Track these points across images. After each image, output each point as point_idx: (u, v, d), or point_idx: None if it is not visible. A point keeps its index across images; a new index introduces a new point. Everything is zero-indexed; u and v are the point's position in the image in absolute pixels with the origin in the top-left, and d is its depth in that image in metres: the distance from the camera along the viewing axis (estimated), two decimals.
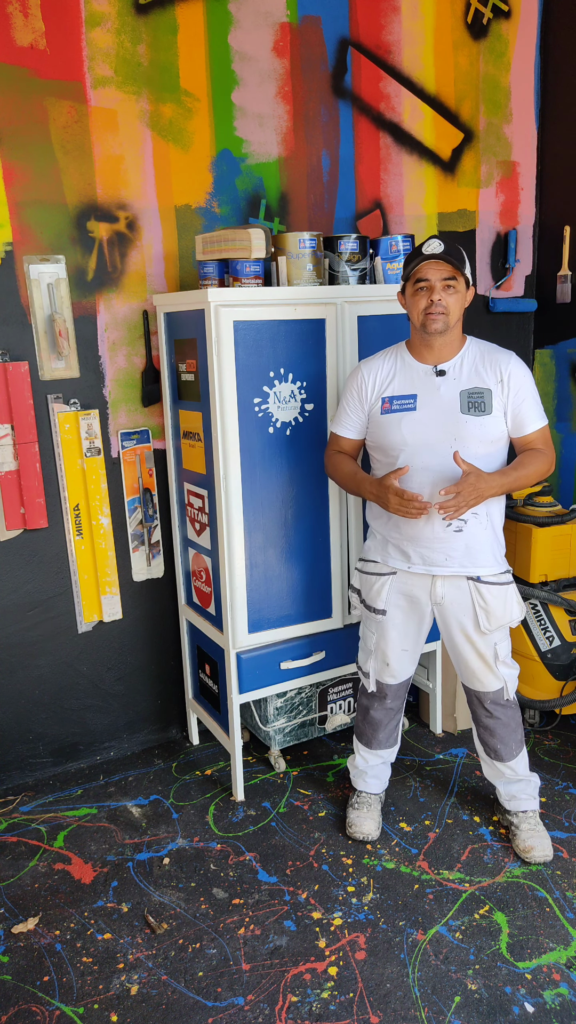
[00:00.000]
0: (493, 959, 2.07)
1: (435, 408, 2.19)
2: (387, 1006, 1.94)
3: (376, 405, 2.27)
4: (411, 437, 2.20)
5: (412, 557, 2.29)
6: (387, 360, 2.29)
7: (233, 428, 2.47)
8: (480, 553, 2.26)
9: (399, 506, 2.14)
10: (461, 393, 2.19)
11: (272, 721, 2.87)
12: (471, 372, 2.20)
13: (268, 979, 2.03)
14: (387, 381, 2.26)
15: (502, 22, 3.28)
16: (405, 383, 2.24)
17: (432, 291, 2.12)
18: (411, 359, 2.25)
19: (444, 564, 2.26)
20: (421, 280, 2.13)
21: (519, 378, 2.20)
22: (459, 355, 2.22)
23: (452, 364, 2.21)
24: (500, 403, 2.19)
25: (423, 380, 2.22)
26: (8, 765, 2.90)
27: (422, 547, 2.26)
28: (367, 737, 2.56)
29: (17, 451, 2.68)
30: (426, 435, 2.19)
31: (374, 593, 2.38)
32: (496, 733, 2.40)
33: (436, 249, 2.09)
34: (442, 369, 2.21)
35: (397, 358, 2.28)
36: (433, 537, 2.23)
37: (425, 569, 2.28)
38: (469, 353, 2.23)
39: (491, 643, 2.32)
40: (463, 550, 2.24)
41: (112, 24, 2.60)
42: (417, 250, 2.14)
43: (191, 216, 2.84)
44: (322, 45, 2.95)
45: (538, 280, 3.58)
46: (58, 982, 2.05)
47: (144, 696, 3.11)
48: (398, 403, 2.23)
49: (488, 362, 2.21)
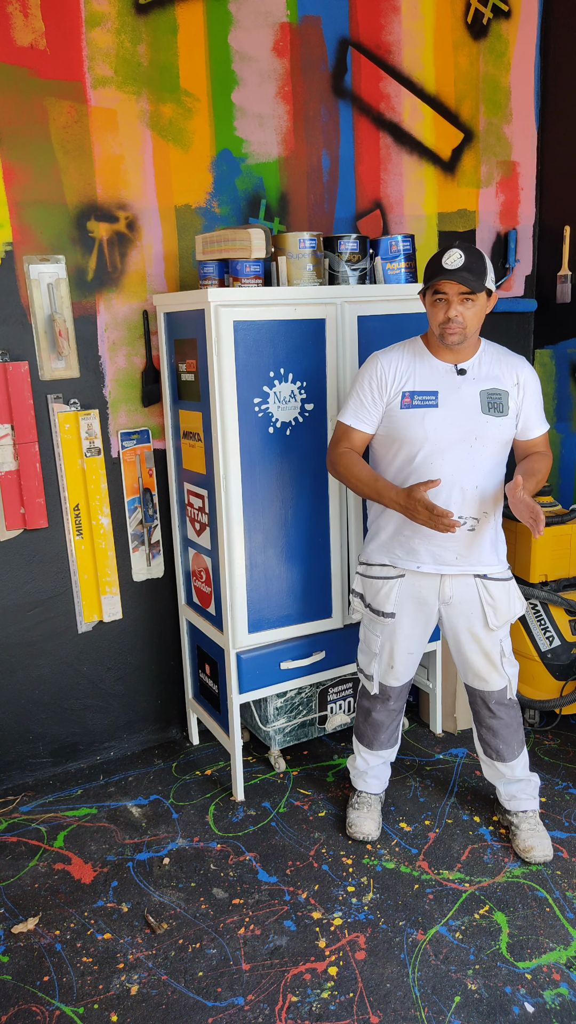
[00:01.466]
0: (493, 959, 2.07)
1: (457, 406, 2.18)
2: (387, 1006, 1.94)
3: (396, 399, 2.22)
4: (433, 434, 2.17)
5: (422, 556, 2.28)
6: (405, 353, 2.25)
7: (233, 428, 2.47)
8: (486, 551, 2.28)
9: (428, 520, 2.07)
10: (481, 393, 2.19)
11: (272, 721, 2.87)
12: (489, 373, 2.21)
13: (268, 979, 2.03)
14: (407, 375, 2.22)
15: (502, 22, 3.28)
16: (425, 379, 2.21)
17: (450, 306, 2.09)
18: (430, 356, 2.23)
19: (454, 563, 2.26)
20: (439, 292, 2.10)
21: (532, 383, 2.24)
22: (477, 355, 2.22)
23: (471, 364, 2.21)
24: (515, 405, 2.21)
25: (444, 378, 2.21)
26: (8, 765, 2.90)
27: (435, 545, 2.26)
28: (368, 738, 2.56)
29: (17, 451, 2.68)
30: (448, 433, 2.18)
31: (381, 597, 2.36)
32: (499, 734, 2.40)
33: (455, 263, 2.04)
34: (463, 368, 2.20)
35: (415, 353, 2.24)
36: (447, 536, 2.22)
37: (435, 568, 2.28)
38: (486, 354, 2.23)
39: (497, 640, 2.33)
40: (473, 549, 2.25)
41: (112, 24, 2.60)
42: (437, 260, 2.09)
43: (191, 216, 2.84)
44: (322, 45, 2.95)
45: (538, 280, 3.58)
46: (58, 982, 2.05)
47: (144, 696, 3.11)
48: (420, 399, 2.20)
49: (504, 365, 2.22)
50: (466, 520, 2.22)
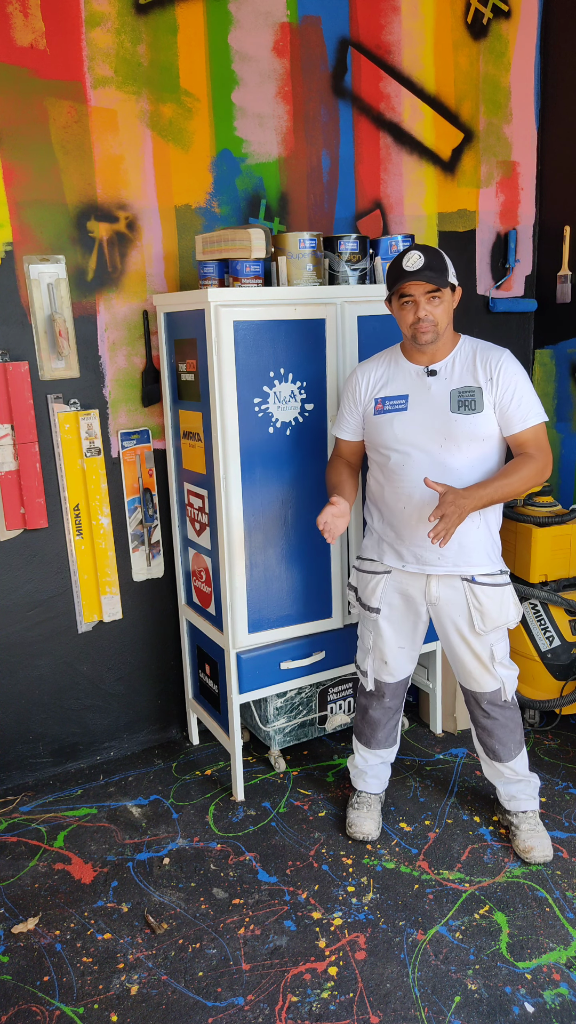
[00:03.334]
0: (493, 959, 2.07)
1: (426, 407, 2.20)
2: (387, 1006, 1.94)
3: (370, 406, 2.29)
4: (402, 436, 2.21)
5: (406, 556, 2.30)
6: (381, 362, 2.31)
7: (233, 428, 2.47)
8: (474, 553, 2.26)
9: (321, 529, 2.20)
10: (452, 392, 2.19)
11: (272, 721, 2.87)
12: (462, 371, 2.20)
13: (268, 979, 2.03)
14: (380, 383, 2.28)
15: (502, 22, 3.28)
16: (398, 384, 2.26)
17: (418, 306, 2.11)
18: (404, 360, 2.27)
19: (437, 564, 2.26)
20: (405, 295, 2.13)
21: (509, 375, 2.16)
22: (451, 355, 2.22)
23: (444, 364, 2.22)
24: (490, 400, 2.17)
25: (415, 380, 2.23)
26: (8, 765, 2.90)
27: (415, 546, 2.27)
28: (366, 737, 2.56)
29: (17, 451, 2.68)
30: (417, 434, 2.20)
31: (369, 591, 2.39)
32: (494, 734, 2.40)
33: (416, 265, 2.07)
34: (433, 369, 2.22)
35: (391, 360, 2.30)
36: (425, 537, 2.23)
37: (419, 568, 2.28)
38: (461, 352, 2.23)
39: (487, 644, 2.31)
40: (456, 550, 2.24)
41: (112, 24, 2.60)
42: (397, 264, 2.11)
43: (191, 216, 2.84)
44: (322, 45, 2.95)
45: (538, 280, 3.58)
46: (58, 982, 2.05)
47: (144, 696, 3.11)
48: (390, 403, 2.25)
49: (480, 360, 2.20)
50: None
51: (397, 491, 2.26)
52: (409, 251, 2.10)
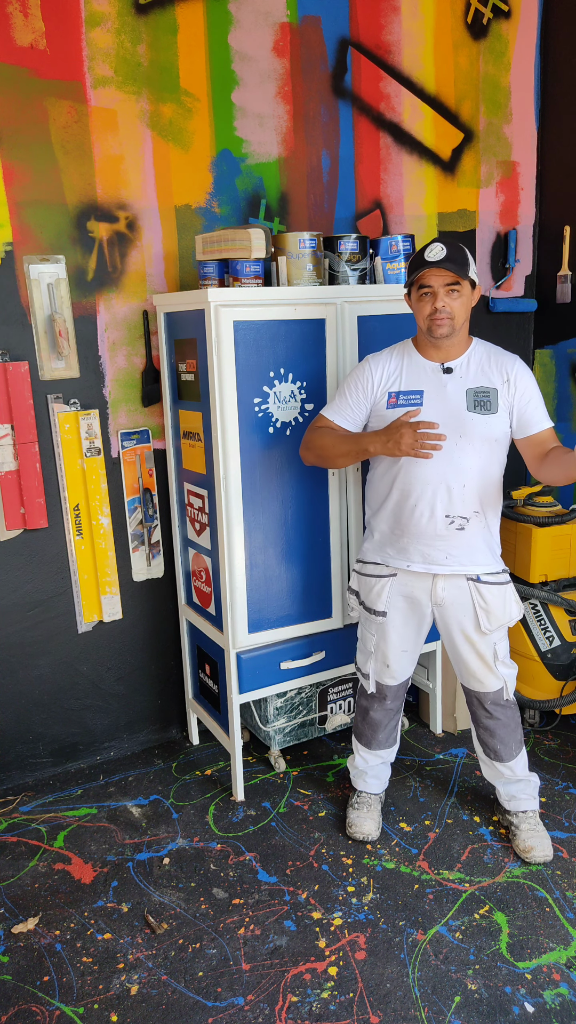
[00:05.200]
0: (493, 959, 2.07)
1: (442, 405, 2.20)
2: (387, 1006, 1.94)
3: (382, 400, 2.26)
4: None
5: (412, 555, 2.29)
6: (394, 356, 2.29)
7: (233, 428, 2.47)
8: (479, 552, 2.27)
9: (413, 442, 2.05)
10: (467, 391, 2.19)
11: (272, 721, 2.87)
12: (477, 371, 2.21)
13: (268, 979, 2.03)
14: (394, 376, 2.26)
15: (502, 22, 3.28)
16: (412, 379, 2.24)
17: (436, 297, 2.11)
18: (418, 356, 2.25)
19: (444, 563, 2.26)
20: (424, 286, 2.12)
21: (525, 380, 2.21)
22: (466, 354, 2.23)
23: (459, 362, 2.22)
24: (505, 403, 2.20)
25: (430, 377, 2.22)
26: (8, 765, 2.90)
27: (423, 544, 2.26)
28: (366, 738, 2.56)
29: (17, 451, 2.68)
30: None
31: (374, 595, 2.38)
32: (496, 734, 2.40)
33: (438, 255, 2.07)
34: (449, 367, 2.21)
35: (404, 355, 2.28)
36: (435, 534, 2.23)
37: (425, 568, 2.28)
38: (475, 353, 2.23)
39: (491, 643, 2.32)
40: (464, 548, 2.25)
41: (112, 24, 2.60)
42: (419, 255, 2.12)
43: (191, 216, 2.84)
44: (322, 45, 2.95)
45: (538, 280, 3.58)
46: (58, 982, 2.05)
47: (144, 696, 3.11)
48: (405, 398, 2.23)
49: (494, 363, 2.22)
50: (454, 519, 2.22)
51: (407, 488, 2.24)
52: (432, 242, 2.11)
